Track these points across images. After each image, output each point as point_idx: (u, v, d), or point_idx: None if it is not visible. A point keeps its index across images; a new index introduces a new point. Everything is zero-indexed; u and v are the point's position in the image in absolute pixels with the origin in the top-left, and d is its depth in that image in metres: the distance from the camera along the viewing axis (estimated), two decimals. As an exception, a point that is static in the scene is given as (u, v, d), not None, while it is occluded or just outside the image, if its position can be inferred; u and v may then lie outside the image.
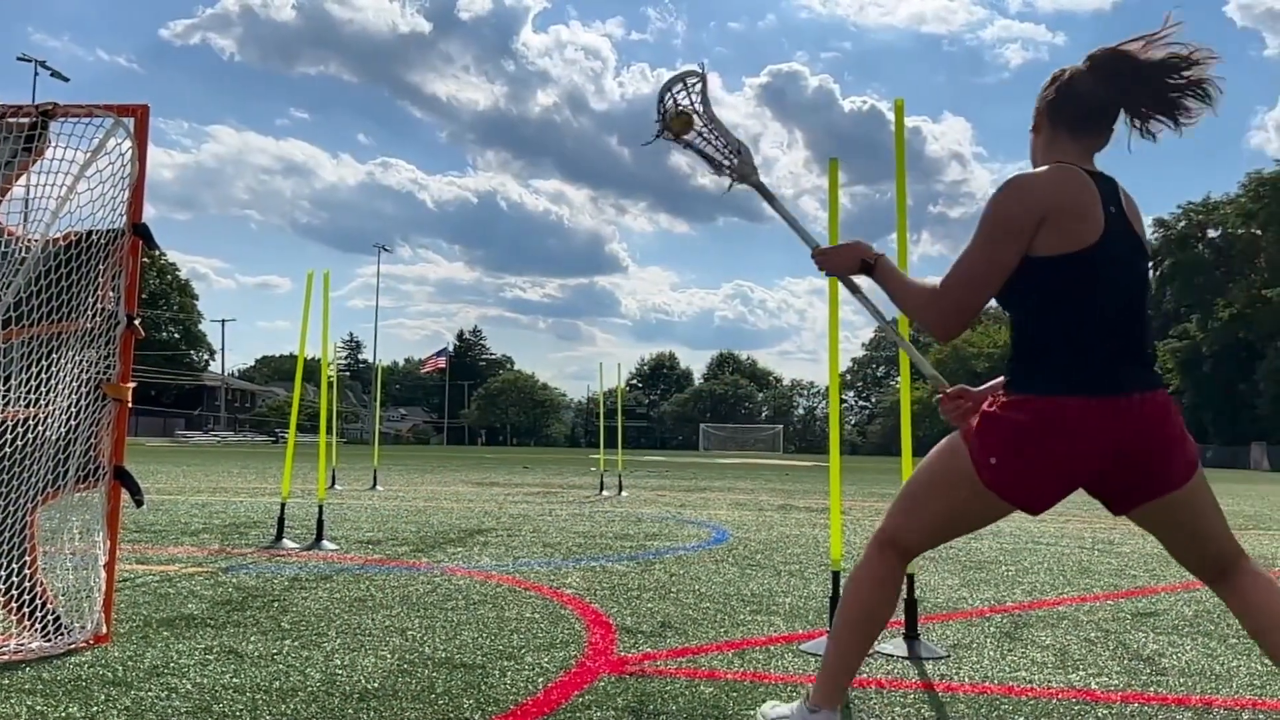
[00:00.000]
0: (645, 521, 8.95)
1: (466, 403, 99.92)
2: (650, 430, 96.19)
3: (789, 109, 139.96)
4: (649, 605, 4.42)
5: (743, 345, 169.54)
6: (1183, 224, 64.46)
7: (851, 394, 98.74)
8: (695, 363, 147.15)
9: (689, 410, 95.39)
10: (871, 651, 3.52)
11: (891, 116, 3.96)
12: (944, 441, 2.31)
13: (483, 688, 2.92)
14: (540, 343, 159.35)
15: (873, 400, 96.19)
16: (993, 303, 2.26)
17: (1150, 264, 2.40)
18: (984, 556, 6.66)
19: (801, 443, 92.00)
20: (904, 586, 3.73)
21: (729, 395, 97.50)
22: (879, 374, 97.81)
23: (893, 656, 3.48)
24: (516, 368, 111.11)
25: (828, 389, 4.13)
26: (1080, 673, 3.32)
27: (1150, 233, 66.99)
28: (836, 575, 3.71)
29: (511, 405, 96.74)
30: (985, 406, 2.23)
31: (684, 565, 5.86)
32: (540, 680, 3.03)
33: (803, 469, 28.95)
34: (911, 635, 3.60)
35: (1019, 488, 2.17)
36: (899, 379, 3.92)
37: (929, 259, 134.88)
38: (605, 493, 13.43)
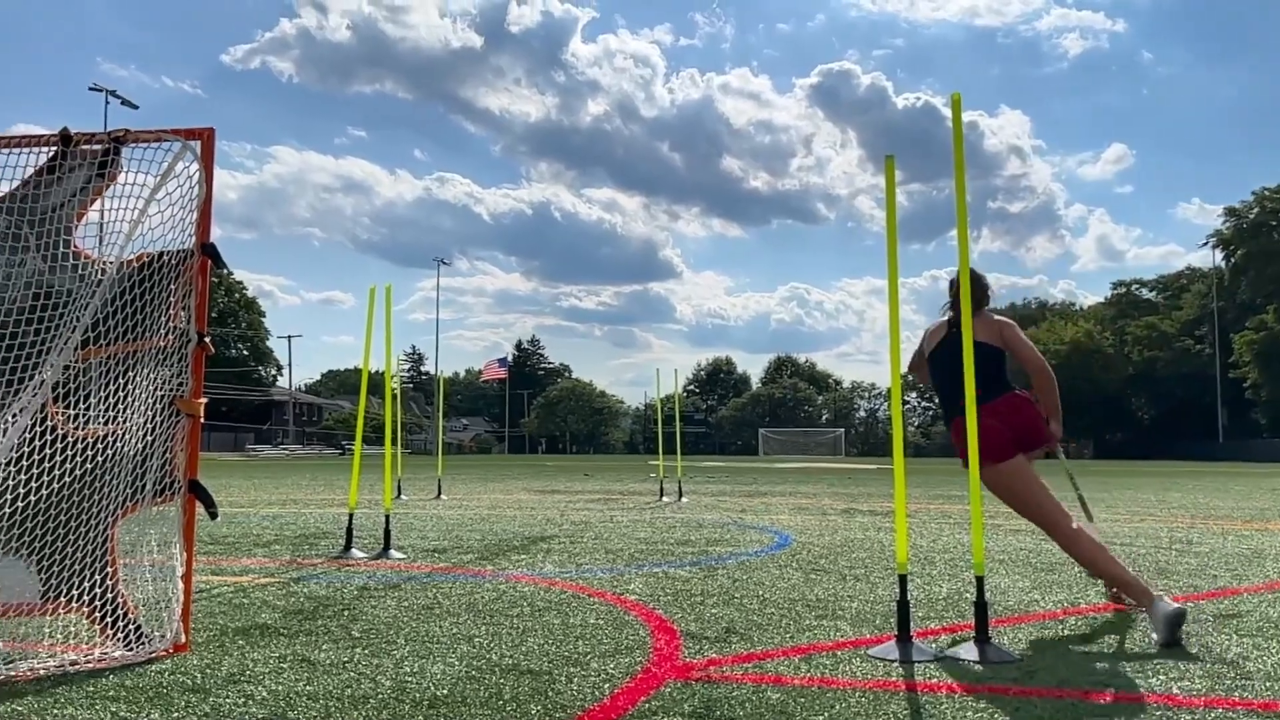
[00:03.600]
0: (706, 527, 8.92)
1: (526, 411, 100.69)
2: (709, 436, 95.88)
3: (841, 108, 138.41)
4: (713, 611, 4.40)
5: (801, 348, 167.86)
6: (1255, 211, 62.44)
7: (914, 395, 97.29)
8: (752, 367, 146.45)
9: (747, 415, 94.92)
10: (940, 654, 3.47)
11: (947, 112, 3.91)
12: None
13: (550, 694, 2.94)
14: (597, 350, 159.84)
15: (936, 401, 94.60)
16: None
17: (988, 342, 4.24)
18: (1055, 558, 6.51)
19: (864, 446, 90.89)
20: (974, 589, 3.67)
21: (788, 399, 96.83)
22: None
23: (964, 661, 3.42)
24: (574, 376, 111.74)
25: (890, 390, 4.19)
26: (1161, 677, 3.22)
27: (1220, 223, 64.88)
28: (903, 579, 3.66)
29: (570, 413, 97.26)
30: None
31: (747, 570, 5.83)
32: (606, 686, 3.03)
33: (866, 472, 28.60)
34: (983, 639, 3.53)
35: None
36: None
37: (989, 255, 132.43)
38: (665, 499, 13.43)
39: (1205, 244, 68.25)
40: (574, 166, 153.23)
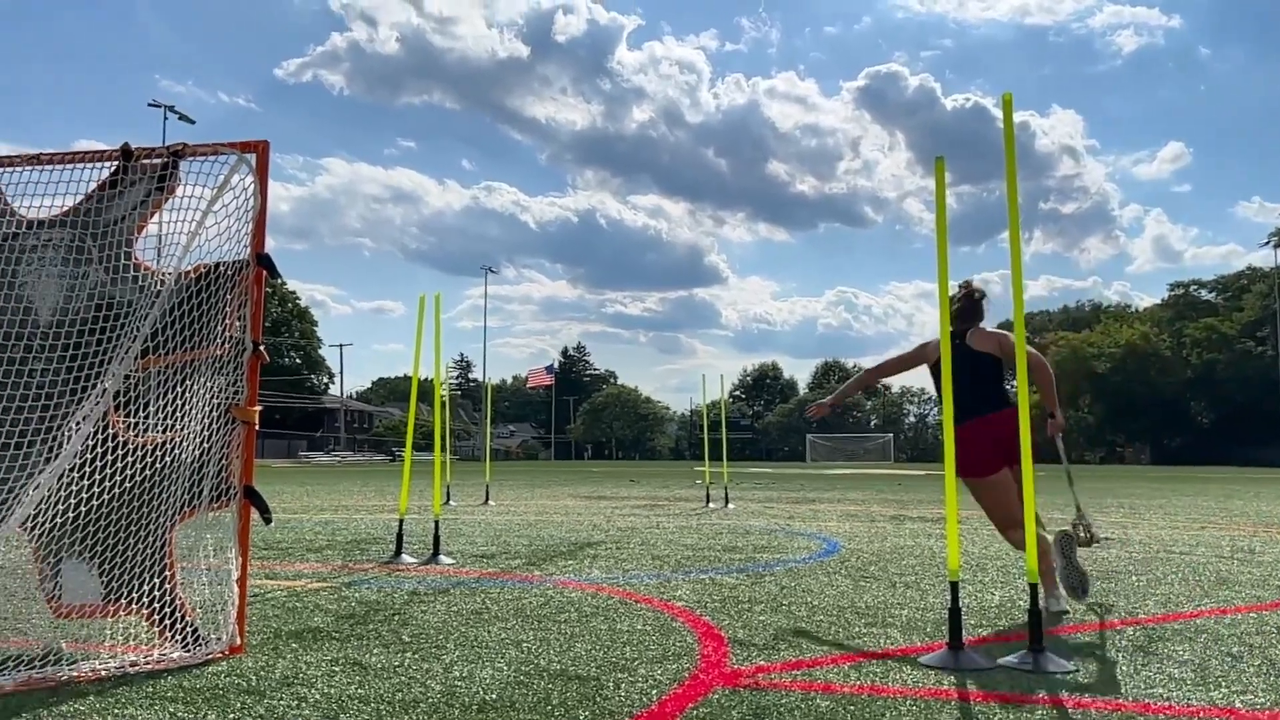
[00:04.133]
0: (753, 534, 8.88)
1: (572, 418, 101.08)
2: (755, 442, 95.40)
3: (889, 111, 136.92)
4: (761, 618, 4.38)
5: (848, 353, 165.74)
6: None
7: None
8: (799, 372, 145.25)
9: (794, 420, 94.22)
10: (993, 663, 3.42)
11: (997, 113, 3.86)
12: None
13: (598, 699, 2.94)
14: (642, 356, 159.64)
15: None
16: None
17: (990, 353, 4.71)
18: (1111, 566, 6.38)
19: (913, 451, 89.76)
20: (1028, 597, 3.61)
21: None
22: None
23: (1016, 670, 3.36)
24: (620, 382, 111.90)
25: (940, 395, 4.21)
26: (1222, 690, 3.13)
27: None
28: (955, 586, 3.61)
29: (616, 419, 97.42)
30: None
31: (795, 577, 5.79)
32: (654, 692, 3.03)
33: (915, 478, 28.24)
34: (1038, 648, 3.47)
35: (970, 465, 4.54)
36: (1014, 383, 3.80)
37: (1041, 257, 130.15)
38: (712, 505, 13.39)
39: (1266, 243, 66.44)
40: (620, 174, 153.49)
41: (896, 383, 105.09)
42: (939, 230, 3.86)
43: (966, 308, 4.92)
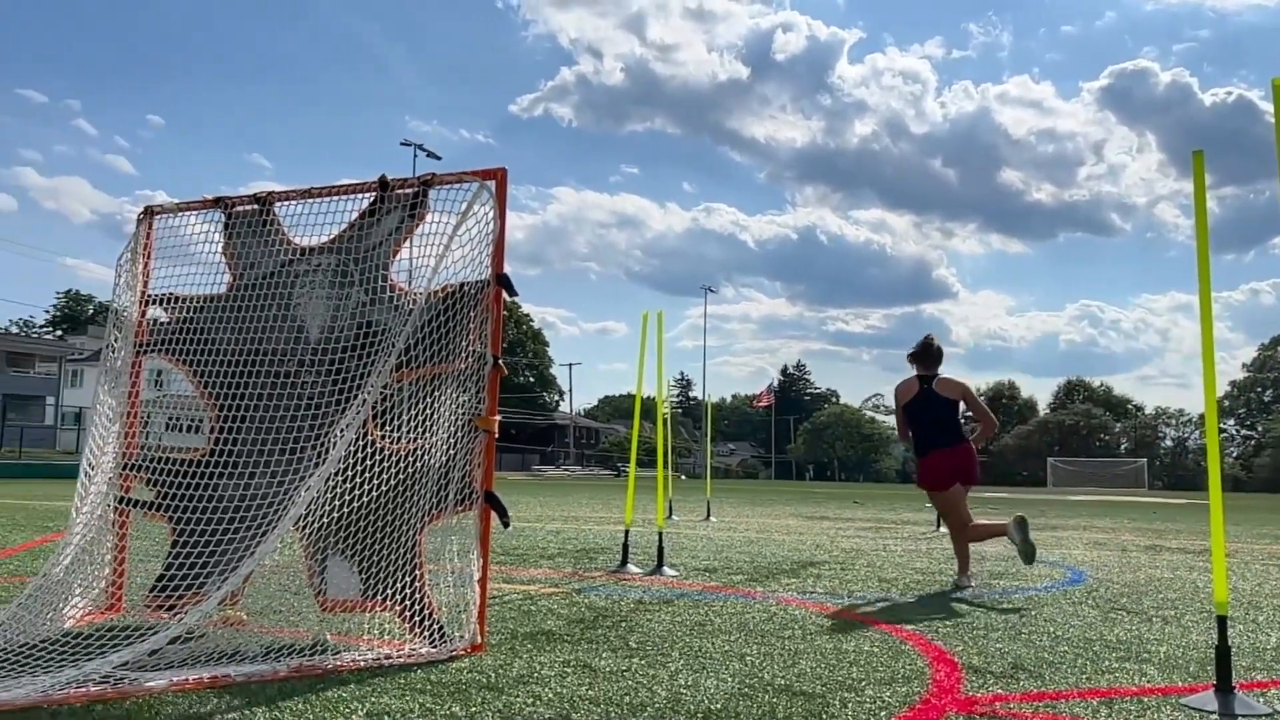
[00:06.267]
0: (989, 559, 8.41)
1: (792, 437, 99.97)
2: (990, 465, 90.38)
3: (1137, 110, 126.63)
4: (997, 645, 4.15)
5: (1094, 371, 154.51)
6: None
7: (1232, 422, 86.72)
8: (1039, 391, 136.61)
9: (1034, 443, 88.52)
10: (1270, 712, 3.07)
11: (1265, 105, 3.49)
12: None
13: (824, 717, 2.89)
14: (865, 375, 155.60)
15: (1259, 429, 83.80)
16: None
17: (951, 399, 6.35)
18: None
19: (1170, 478, 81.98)
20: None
21: (1080, 426, 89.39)
22: (1265, 399, 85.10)
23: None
24: (842, 401, 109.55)
25: (1202, 417, 3.77)
26: None
27: None
28: (1223, 621, 3.26)
29: (838, 439, 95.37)
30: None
31: (1035, 605, 5.44)
32: (883, 714, 2.94)
33: (1173, 507, 25.78)
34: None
35: (931, 483, 6.37)
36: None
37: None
38: (942, 530, 12.80)
39: None
40: (840, 189, 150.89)
41: (1150, 403, 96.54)
42: (1199, 234, 3.53)
43: (928, 358, 6.36)
